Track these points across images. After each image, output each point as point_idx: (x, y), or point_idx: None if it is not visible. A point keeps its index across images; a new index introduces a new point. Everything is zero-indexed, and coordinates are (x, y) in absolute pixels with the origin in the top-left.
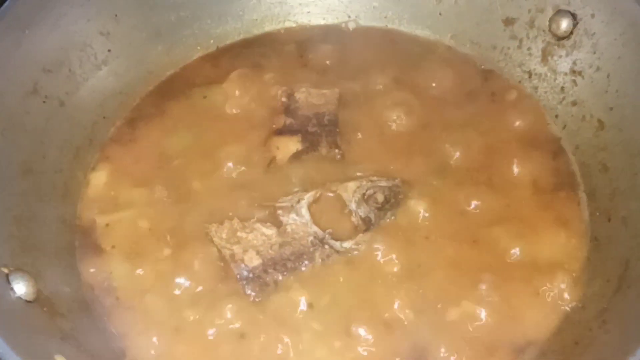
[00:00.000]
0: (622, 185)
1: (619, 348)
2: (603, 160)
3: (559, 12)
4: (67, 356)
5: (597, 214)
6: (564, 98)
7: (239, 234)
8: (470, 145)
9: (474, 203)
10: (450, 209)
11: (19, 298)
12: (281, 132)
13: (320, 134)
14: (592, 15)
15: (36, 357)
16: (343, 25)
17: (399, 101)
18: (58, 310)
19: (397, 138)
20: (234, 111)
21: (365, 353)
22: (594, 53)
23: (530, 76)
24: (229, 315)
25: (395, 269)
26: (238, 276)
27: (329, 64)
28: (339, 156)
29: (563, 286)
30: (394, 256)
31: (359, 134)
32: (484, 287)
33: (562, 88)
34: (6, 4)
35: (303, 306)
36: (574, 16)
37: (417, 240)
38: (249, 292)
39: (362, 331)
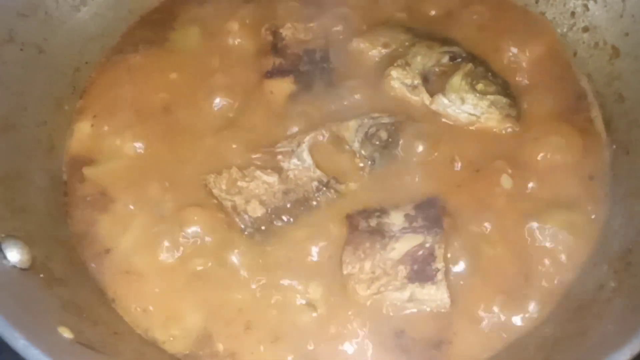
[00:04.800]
0: None
1: None
2: (619, 89)
3: None
4: (70, 326)
5: (615, 146)
6: (574, 24)
7: (239, 183)
8: None
9: None
10: None
11: (14, 267)
12: (272, 74)
13: (313, 72)
14: None
15: (39, 332)
16: None
17: None
18: (55, 275)
19: None
20: (218, 50)
21: None
22: None
23: (537, 0)
24: (233, 263)
25: None
26: (242, 226)
27: None
28: (335, 93)
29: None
30: None
31: (355, 67)
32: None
33: (573, 13)
34: None
35: (313, 253)
36: None
37: None
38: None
39: None
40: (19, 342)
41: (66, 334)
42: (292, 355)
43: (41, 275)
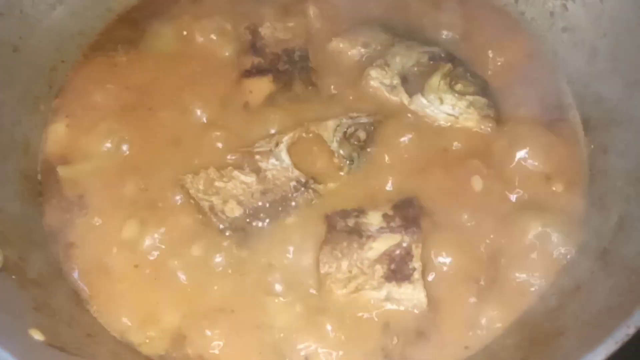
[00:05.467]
0: (619, 116)
1: (626, 294)
2: (597, 90)
3: None
4: (43, 328)
5: (592, 146)
6: (553, 24)
7: (216, 183)
8: None
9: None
10: None
11: None
12: (250, 73)
13: (292, 71)
14: None
15: (9, 335)
16: None
17: None
18: (28, 276)
19: None
20: (197, 50)
21: None
22: None
23: (516, 0)
24: (210, 263)
25: None
26: (220, 227)
27: None
28: (314, 93)
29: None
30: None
31: (334, 67)
32: None
33: (552, 13)
34: None
35: (290, 252)
36: None
37: None
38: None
39: None
40: None
41: (37, 336)
42: (267, 353)
43: (13, 277)
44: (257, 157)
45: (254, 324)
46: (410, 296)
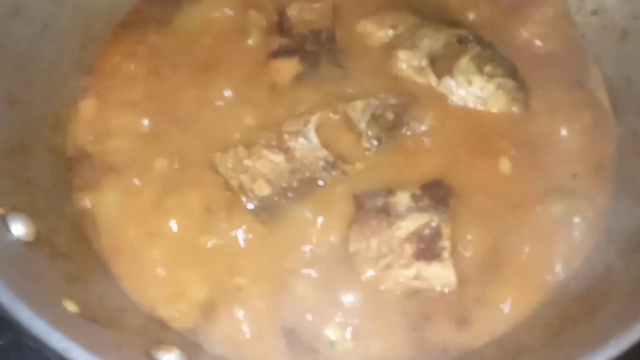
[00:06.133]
0: None
1: None
2: (627, 72)
3: None
4: (75, 300)
5: (622, 128)
6: (582, 6)
7: (245, 162)
8: None
9: None
10: None
11: (18, 240)
12: (278, 54)
13: (319, 52)
14: None
15: (44, 304)
16: None
17: None
18: (59, 249)
19: None
20: (224, 30)
21: None
22: None
23: None
24: (238, 241)
25: None
26: (249, 205)
27: None
28: (342, 74)
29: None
30: None
31: (362, 48)
32: None
33: None
34: None
35: (317, 231)
36: None
37: None
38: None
39: None
40: (23, 313)
41: (71, 307)
42: (295, 328)
43: (45, 249)
44: (286, 136)
45: (281, 299)
46: (439, 275)
